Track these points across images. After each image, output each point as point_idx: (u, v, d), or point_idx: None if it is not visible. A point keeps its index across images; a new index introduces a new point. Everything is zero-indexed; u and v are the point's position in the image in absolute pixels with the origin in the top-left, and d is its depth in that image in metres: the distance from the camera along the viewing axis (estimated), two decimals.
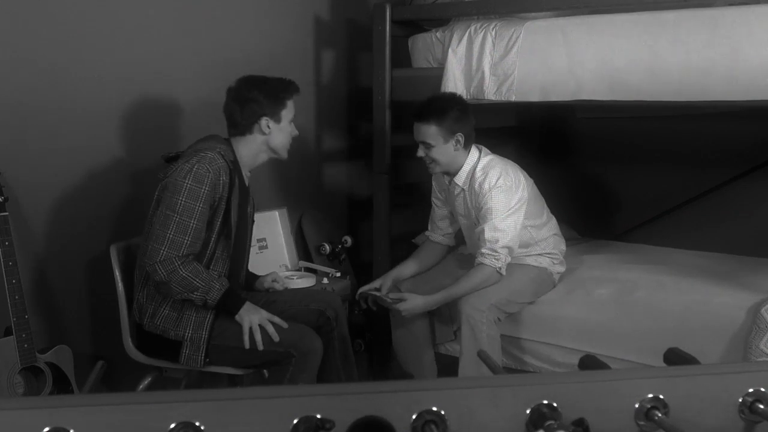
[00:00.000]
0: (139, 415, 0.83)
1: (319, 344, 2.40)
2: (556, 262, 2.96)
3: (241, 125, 2.46)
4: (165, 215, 2.28)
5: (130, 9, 2.77)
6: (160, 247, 2.26)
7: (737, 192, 3.64)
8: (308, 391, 0.92)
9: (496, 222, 2.68)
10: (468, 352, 2.67)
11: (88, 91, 2.67)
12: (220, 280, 2.35)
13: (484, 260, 2.69)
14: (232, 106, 2.46)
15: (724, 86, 2.50)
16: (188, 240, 2.28)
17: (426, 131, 2.71)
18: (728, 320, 2.57)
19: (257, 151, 2.50)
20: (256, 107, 2.43)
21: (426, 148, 2.74)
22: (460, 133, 2.72)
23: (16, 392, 2.32)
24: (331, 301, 2.66)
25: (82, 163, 2.68)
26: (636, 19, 2.71)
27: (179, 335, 2.36)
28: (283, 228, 3.36)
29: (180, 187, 2.28)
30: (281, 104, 2.47)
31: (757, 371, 0.95)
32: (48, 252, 2.63)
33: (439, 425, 0.87)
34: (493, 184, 2.70)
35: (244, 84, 2.47)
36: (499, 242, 2.67)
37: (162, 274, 2.27)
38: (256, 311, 2.38)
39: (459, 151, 2.75)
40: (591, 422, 0.88)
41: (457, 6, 3.19)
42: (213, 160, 2.32)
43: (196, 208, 2.28)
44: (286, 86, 2.50)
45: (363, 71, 3.65)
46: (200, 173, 2.28)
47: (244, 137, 2.47)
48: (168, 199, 2.29)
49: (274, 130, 2.47)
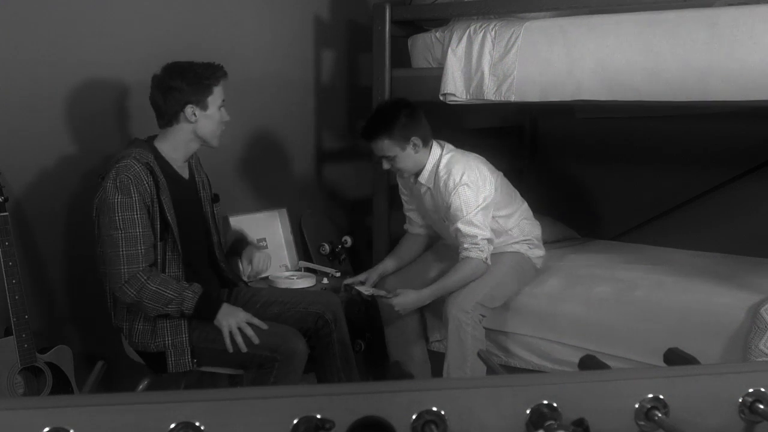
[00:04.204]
0: (139, 415, 0.83)
1: (303, 346, 2.36)
2: (532, 247, 2.96)
3: (166, 115, 2.37)
4: (110, 236, 2.24)
5: (130, 9, 2.77)
6: (119, 268, 2.23)
7: (737, 192, 3.64)
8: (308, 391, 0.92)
9: (469, 217, 2.70)
10: (453, 353, 2.69)
11: (89, 92, 2.67)
12: (192, 287, 2.32)
13: (470, 254, 2.71)
14: (156, 95, 2.38)
15: (723, 86, 2.50)
16: (142, 249, 2.25)
17: (381, 146, 2.74)
18: (728, 320, 2.57)
19: (186, 140, 2.41)
20: (179, 95, 2.34)
21: (389, 160, 2.77)
22: (415, 137, 2.74)
23: (16, 392, 2.32)
24: (330, 303, 2.64)
25: (83, 163, 2.68)
26: (636, 19, 2.70)
27: (159, 346, 2.34)
28: (283, 228, 3.36)
29: (112, 204, 2.23)
30: (207, 90, 2.37)
31: (757, 371, 0.95)
32: (48, 252, 2.63)
33: (439, 425, 0.87)
34: (457, 182, 2.72)
35: (167, 72, 2.37)
36: (478, 235, 2.70)
37: (131, 294, 2.24)
38: (234, 313, 2.35)
39: (420, 152, 2.77)
40: (591, 422, 0.88)
41: (457, 6, 3.19)
42: (129, 167, 2.25)
43: (135, 217, 2.24)
44: (213, 71, 2.39)
45: (363, 71, 3.65)
46: (124, 183, 2.23)
47: (172, 127, 2.39)
48: (107, 221, 2.25)
49: (200, 117, 2.37)
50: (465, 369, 2.67)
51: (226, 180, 3.18)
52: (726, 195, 3.67)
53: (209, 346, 2.35)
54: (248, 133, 3.26)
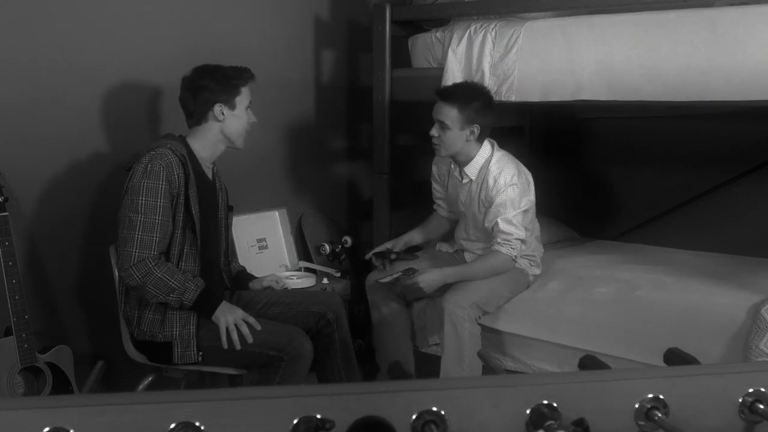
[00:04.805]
0: (139, 415, 0.83)
1: (310, 347, 2.38)
2: (533, 265, 3.00)
3: (195, 114, 2.44)
4: (128, 218, 2.27)
5: (131, 8, 2.77)
6: (131, 250, 2.26)
7: (737, 192, 3.64)
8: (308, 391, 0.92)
9: (510, 216, 2.73)
10: (450, 350, 2.70)
11: (90, 94, 2.67)
12: (195, 280, 2.34)
13: (501, 248, 2.73)
14: (185, 96, 2.45)
15: (724, 86, 2.50)
16: (157, 237, 2.27)
17: (447, 112, 2.73)
18: (728, 320, 2.56)
19: (214, 140, 2.47)
20: (209, 94, 2.41)
21: (440, 128, 2.75)
22: (477, 125, 2.75)
23: (16, 392, 2.32)
24: (332, 303, 2.65)
25: (83, 163, 2.68)
26: (636, 19, 2.71)
27: (167, 336, 2.36)
28: (283, 228, 3.36)
29: (138, 188, 2.27)
30: (235, 90, 2.45)
31: (757, 371, 0.95)
32: (48, 252, 2.63)
33: (439, 425, 0.87)
34: (508, 181, 2.75)
35: (197, 73, 2.46)
36: (514, 234, 2.72)
37: (137, 277, 2.26)
38: (232, 311, 2.37)
39: (471, 142, 2.78)
40: (591, 422, 0.88)
41: (457, 6, 3.19)
42: (163, 156, 2.30)
43: (157, 204, 2.27)
44: (240, 73, 2.47)
45: (363, 71, 3.65)
46: (154, 170, 2.27)
47: (200, 126, 2.45)
48: (129, 202, 2.28)
49: (228, 116, 2.44)
50: (462, 365, 2.68)
51: (226, 180, 3.18)
52: (726, 195, 3.67)
53: (215, 344, 2.36)
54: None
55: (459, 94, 2.74)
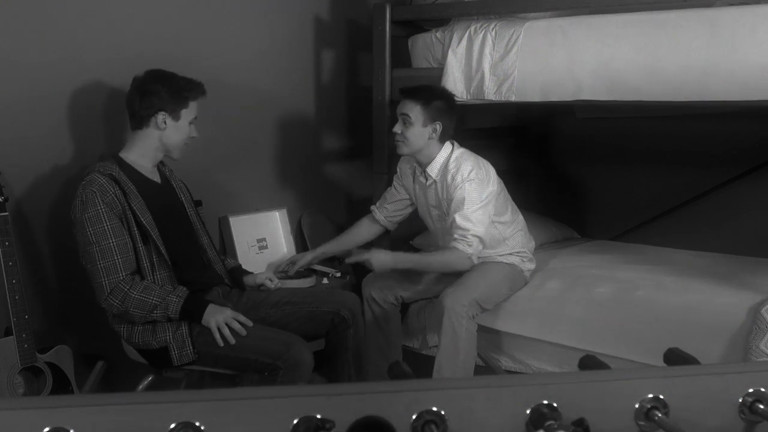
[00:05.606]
0: (139, 415, 0.83)
1: (309, 356, 2.35)
2: (525, 260, 3.00)
3: (137, 116, 2.41)
4: (86, 252, 2.27)
5: (132, 9, 2.77)
6: (100, 281, 2.26)
7: (737, 192, 3.64)
8: (308, 391, 0.92)
9: (468, 212, 2.72)
10: (446, 346, 2.71)
11: (89, 93, 2.67)
12: (176, 290, 2.33)
13: (457, 245, 2.73)
14: (132, 96, 2.42)
15: (724, 86, 2.50)
16: (119, 259, 2.26)
17: (410, 107, 2.78)
18: (728, 320, 2.56)
19: (152, 147, 2.44)
20: (156, 100, 2.38)
21: (404, 124, 2.79)
22: (440, 123, 2.78)
23: (16, 392, 2.32)
24: (346, 301, 2.66)
25: (83, 163, 2.68)
26: (636, 19, 2.71)
27: (161, 341, 2.34)
28: (283, 228, 3.36)
29: (81, 221, 2.26)
30: (183, 102, 2.42)
31: (757, 371, 0.95)
32: (48, 252, 2.63)
33: (439, 425, 0.87)
34: (465, 177, 2.75)
35: (149, 76, 2.42)
36: (471, 231, 2.72)
37: (116, 304, 2.26)
38: (220, 311, 2.36)
39: (433, 140, 2.80)
40: (591, 422, 0.88)
41: (457, 6, 3.19)
42: (92, 182, 2.28)
43: (105, 228, 2.25)
44: (193, 86, 2.44)
45: (363, 71, 3.65)
46: (89, 198, 2.26)
47: (141, 131, 2.43)
48: (81, 237, 2.28)
49: (170, 126, 2.41)
50: (457, 361, 2.68)
51: (226, 180, 3.18)
52: (726, 195, 3.67)
53: (207, 347, 2.35)
54: (248, 132, 3.26)
55: (422, 92, 2.80)
